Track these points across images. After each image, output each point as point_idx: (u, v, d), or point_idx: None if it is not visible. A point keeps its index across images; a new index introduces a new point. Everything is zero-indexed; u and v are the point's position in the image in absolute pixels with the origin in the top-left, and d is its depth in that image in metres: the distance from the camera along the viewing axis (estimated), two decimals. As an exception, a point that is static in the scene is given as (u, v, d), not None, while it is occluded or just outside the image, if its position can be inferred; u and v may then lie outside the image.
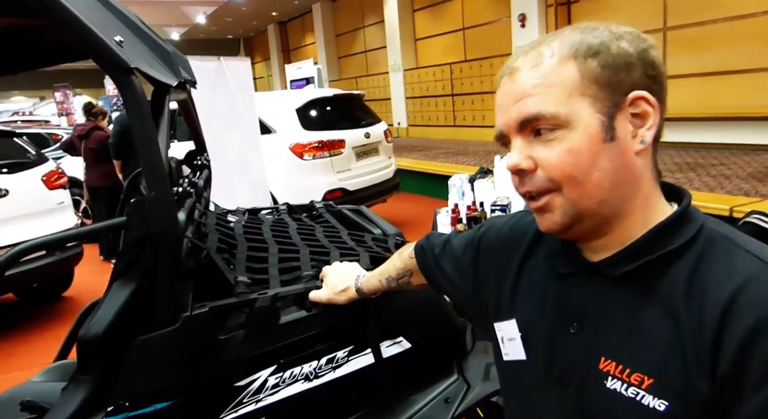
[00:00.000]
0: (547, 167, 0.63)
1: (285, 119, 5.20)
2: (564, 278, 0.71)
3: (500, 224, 0.88)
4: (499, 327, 0.80)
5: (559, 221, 0.65)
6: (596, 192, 0.63)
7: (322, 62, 15.93)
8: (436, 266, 0.96)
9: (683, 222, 0.64)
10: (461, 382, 1.32)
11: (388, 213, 6.16)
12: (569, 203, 0.63)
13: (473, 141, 10.59)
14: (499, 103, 0.68)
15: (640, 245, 0.64)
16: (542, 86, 0.63)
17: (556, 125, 0.62)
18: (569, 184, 0.63)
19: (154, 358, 1.03)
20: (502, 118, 0.67)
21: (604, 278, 0.66)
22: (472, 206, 2.83)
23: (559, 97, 0.63)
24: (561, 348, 0.69)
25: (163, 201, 0.98)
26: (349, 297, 1.16)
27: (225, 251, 1.41)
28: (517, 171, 0.66)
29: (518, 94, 0.64)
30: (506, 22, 9.69)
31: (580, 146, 0.62)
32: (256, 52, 22.96)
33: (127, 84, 0.94)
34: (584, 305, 0.68)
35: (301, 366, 1.16)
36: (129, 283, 1.07)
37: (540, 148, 0.64)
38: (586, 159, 0.62)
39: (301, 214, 2.03)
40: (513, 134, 0.66)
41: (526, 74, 0.64)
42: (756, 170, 5.36)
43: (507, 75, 0.67)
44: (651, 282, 0.63)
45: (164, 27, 18.40)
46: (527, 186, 0.65)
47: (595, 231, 0.66)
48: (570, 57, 0.63)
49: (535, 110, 0.63)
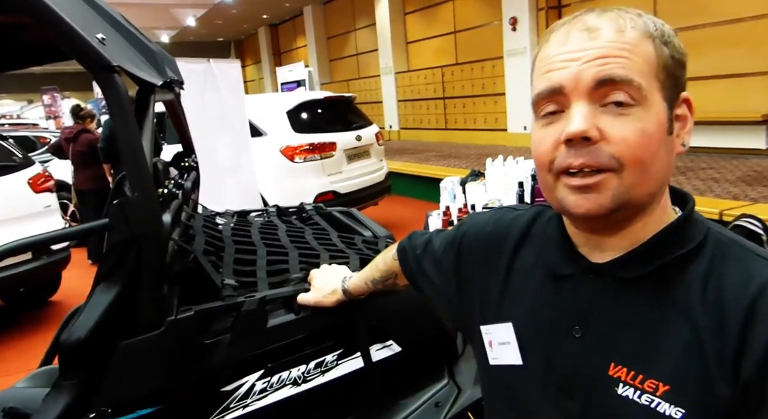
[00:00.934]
0: (618, 142, 0.57)
1: (276, 121, 5.17)
2: (562, 280, 0.68)
3: (482, 222, 0.84)
4: (488, 330, 0.76)
5: (606, 205, 0.58)
6: (652, 182, 0.59)
7: (314, 65, 15.91)
8: (417, 268, 0.93)
9: (690, 225, 0.63)
10: (452, 386, 1.31)
11: (380, 216, 6.14)
12: (625, 187, 0.58)
13: (464, 144, 10.61)
14: (563, 56, 0.59)
15: (651, 247, 0.62)
16: (630, 52, 0.58)
17: (636, 100, 0.57)
18: (635, 167, 0.57)
19: (137, 363, 1.01)
20: (569, 72, 0.58)
21: (612, 280, 0.63)
22: (464, 209, 2.82)
23: (642, 69, 0.58)
24: (563, 353, 0.66)
25: (146, 203, 0.96)
26: (336, 299, 1.14)
27: (212, 254, 1.39)
28: (577, 139, 0.57)
29: (601, 52, 0.57)
30: (497, 25, 9.72)
31: (653, 130, 0.58)
32: (247, 54, 22.90)
33: (109, 83, 0.92)
34: (588, 309, 0.64)
35: (289, 370, 1.14)
36: (112, 287, 1.04)
37: (610, 120, 0.57)
38: (655, 145, 0.58)
39: (291, 216, 2.01)
40: (578, 96, 0.58)
41: (612, 35, 0.58)
42: (745, 174, 5.40)
43: (581, 31, 0.60)
44: (664, 286, 0.60)
45: (153, 30, 18.30)
46: (584, 158, 0.57)
47: (620, 224, 0.62)
48: (648, 36, 0.59)
49: (623, 73, 0.57)
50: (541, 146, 0.62)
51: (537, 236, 0.75)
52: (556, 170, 0.60)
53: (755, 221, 2.55)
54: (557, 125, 0.60)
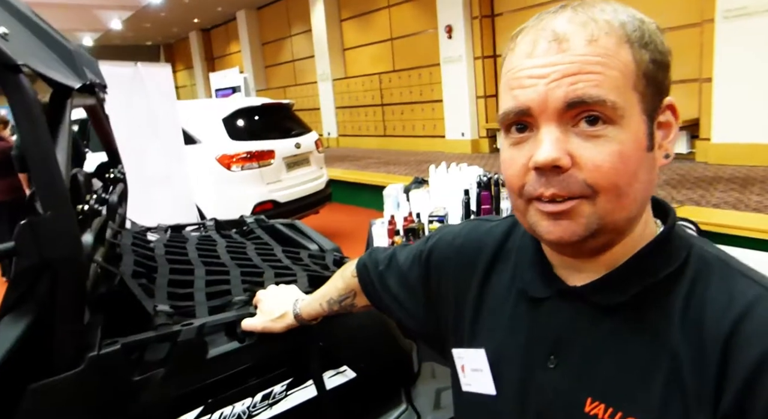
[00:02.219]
0: (591, 169, 0.51)
1: (211, 128, 4.96)
2: (537, 303, 0.62)
3: (452, 236, 0.77)
4: (460, 355, 0.70)
5: (579, 233, 0.53)
6: (631, 207, 0.54)
7: (249, 71, 15.55)
8: (380, 285, 0.85)
9: (672, 241, 0.57)
10: (410, 412, 1.22)
11: (322, 225, 6.03)
12: (598, 214, 0.53)
13: (404, 151, 10.65)
14: (529, 72, 0.53)
15: (629, 270, 0.56)
16: (603, 66, 0.51)
17: (611, 119, 0.51)
18: (610, 193, 0.52)
19: (52, 409, 0.87)
20: (536, 92, 0.52)
21: (588, 306, 0.58)
22: (409, 218, 2.77)
23: (618, 84, 0.51)
24: (537, 384, 0.60)
25: (61, 222, 0.83)
26: (287, 325, 1.03)
27: (143, 276, 1.25)
28: (547, 167, 0.52)
29: (570, 68, 0.51)
30: (433, 33, 9.84)
31: (630, 151, 0.52)
32: (178, 59, 22.12)
33: (12, 84, 0.79)
34: (564, 336, 0.59)
35: (233, 405, 1.03)
36: (21, 319, 0.90)
37: (582, 143, 0.52)
38: (632, 167, 0.52)
39: (231, 230, 1.88)
40: (547, 118, 0.52)
41: (582, 46, 0.51)
42: (669, 177, 5.67)
43: (550, 41, 0.53)
44: (643, 312, 0.55)
45: (75, 31, 17.33)
46: (555, 187, 0.52)
47: (598, 249, 0.57)
48: (625, 40, 0.52)
49: (595, 93, 0.50)
50: (511, 169, 0.56)
51: (512, 251, 0.69)
52: (526, 196, 0.55)
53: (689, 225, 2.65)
54: (526, 147, 0.55)
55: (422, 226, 2.65)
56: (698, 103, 6.39)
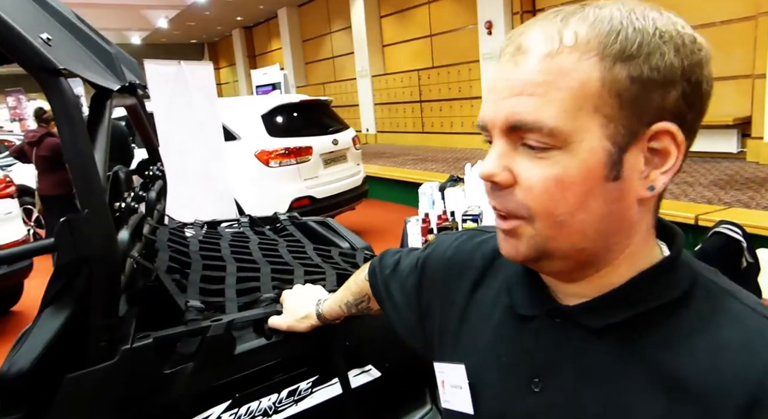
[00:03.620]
0: (526, 190, 0.50)
1: (250, 125, 5.05)
2: (524, 321, 0.59)
3: (446, 245, 0.74)
4: (441, 369, 0.67)
5: (524, 253, 0.52)
6: (575, 238, 0.50)
7: (289, 68, 15.74)
8: (385, 291, 0.83)
9: (675, 270, 0.53)
10: (435, 413, 1.22)
11: (357, 221, 6.06)
12: (539, 238, 0.51)
13: (441, 148, 10.59)
14: (491, 84, 0.52)
15: (623, 293, 0.52)
16: (550, 86, 0.47)
17: (551, 144, 0.48)
18: (545, 220, 0.50)
19: (87, 398, 0.91)
20: (490, 107, 0.52)
21: (578, 328, 0.54)
22: (443, 216, 2.76)
23: (565, 107, 0.47)
24: (518, 408, 0.56)
25: (97, 221, 0.86)
26: (310, 325, 1.04)
27: (177, 272, 1.29)
28: (487, 180, 0.52)
29: (516, 87, 0.49)
30: (473, 29, 9.73)
31: (573, 179, 0.48)
32: (222, 57, 22.60)
33: (53, 87, 0.82)
34: (550, 359, 0.55)
35: (259, 400, 1.05)
36: (60, 312, 0.94)
37: (524, 162, 0.49)
38: (574, 196, 0.48)
39: (264, 227, 1.92)
40: (497, 134, 0.51)
41: (535, 62, 0.48)
42: (717, 177, 5.46)
43: (511, 53, 0.50)
44: (637, 341, 0.51)
45: (124, 31, 17.92)
46: (497, 202, 0.52)
47: (566, 274, 0.54)
48: (596, 54, 0.47)
49: (530, 118, 0.48)
50: None
51: (503, 266, 0.66)
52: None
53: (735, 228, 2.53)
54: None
55: (456, 224, 2.63)
56: (750, 100, 6.13)
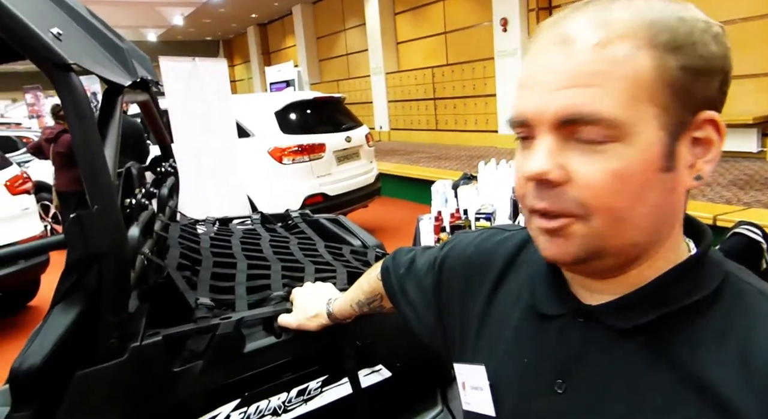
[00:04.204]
0: (583, 186, 0.47)
1: (264, 122, 5.06)
2: (546, 321, 0.57)
3: (465, 244, 0.73)
4: (461, 371, 0.66)
5: (574, 254, 0.49)
6: (632, 232, 0.48)
7: (303, 65, 15.77)
8: (400, 290, 0.82)
9: (704, 268, 0.51)
10: (446, 414, 1.21)
11: (370, 219, 6.05)
12: (594, 236, 0.48)
13: (455, 145, 10.54)
14: (530, 78, 0.49)
15: (651, 292, 0.51)
16: (606, 77, 0.45)
17: (610, 137, 0.46)
18: (604, 216, 0.47)
19: (96, 395, 0.90)
20: (534, 101, 0.48)
21: (603, 328, 0.52)
22: (456, 214, 2.73)
23: (623, 97, 0.45)
24: (541, 409, 0.55)
25: (106, 217, 0.86)
26: (320, 324, 1.03)
27: (188, 268, 1.29)
28: (538, 180, 0.48)
29: (570, 77, 0.46)
30: (488, 26, 9.66)
31: (633, 171, 0.46)
32: (236, 54, 22.70)
33: (63, 82, 0.82)
34: (574, 359, 0.53)
35: (269, 399, 1.04)
36: (71, 308, 0.94)
37: (578, 157, 0.47)
38: (634, 189, 0.46)
39: (276, 224, 1.91)
40: (542, 129, 0.48)
41: (587, 52, 0.46)
42: (736, 177, 5.36)
43: (556, 43, 0.48)
44: (664, 342, 0.49)
45: (140, 28, 18.08)
46: (546, 202, 0.48)
47: (608, 271, 0.52)
48: (646, 43, 0.46)
49: (589, 110, 0.45)
50: (517, 178, 0.53)
51: (525, 264, 0.64)
52: (527, 207, 0.51)
53: (755, 229, 2.48)
54: (527, 156, 0.50)
55: (469, 223, 2.61)
56: (771, 98, 6.02)
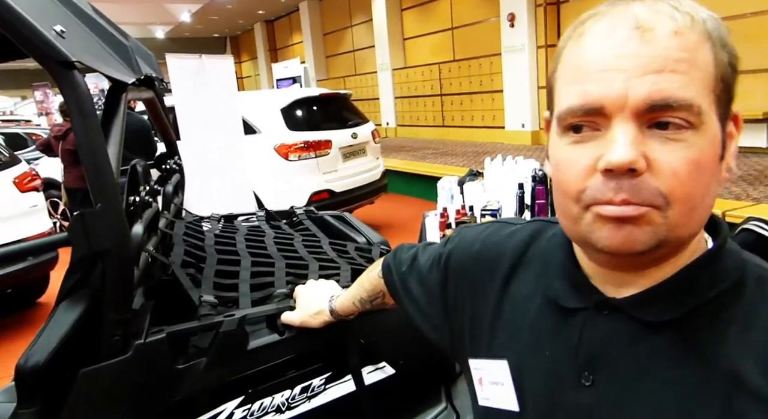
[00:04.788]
0: (668, 176, 0.46)
1: (270, 119, 5.06)
2: (568, 314, 0.57)
3: (470, 239, 0.72)
4: (477, 366, 0.65)
5: (644, 242, 0.48)
6: (698, 222, 0.49)
7: (310, 61, 15.76)
8: (402, 287, 0.82)
9: (723, 257, 0.52)
10: (450, 411, 1.21)
11: (376, 215, 6.05)
12: (668, 226, 0.47)
13: (462, 142, 10.51)
14: (606, 63, 0.47)
15: (676, 284, 0.52)
16: (690, 64, 0.46)
17: (691, 124, 0.46)
18: (683, 205, 0.47)
19: (100, 393, 0.91)
20: (615, 86, 0.46)
21: (629, 321, 0.53)
22: (462, 211, 2.73)
23: (701, 86, 0.46)
24: (570, 402, 0.55)
25: (109, 215, 0.85)
26: (323, 321, 1.03)
27: (192, 266, 1.29)
28: (621, 170, 0.46)
29: (655, 63, 0.45)
30: (495, 21, 9.61)
31: (707, 159, 0.47)
32: (243, 50, 22.73)
33: (66, 80, 0.82)
34: (601, 352, 0.54)
35: (272, 396, 1.04)
36: (75, 306, 0.94)
37: (659, 146, 0.46)
38: (707, 178, 0.47)
39: (280, 221, 1.91)
40: (624, 117, 0.46)
41: (667, 38, 0.46)
42: (746, 173, 5.31)
43: (632, 29, 0.47)
44: (692, 332, 0.50)
45: (148, 25, 18.13)
46: (626, 193, 0.46)
47: (652, 262, 0.52)
48: (707, 37, 0.47)
49: (682, 95, 0.45)
50: (569, 171, 0.50)
51: (536, 258, 0.64)
52: (587, 201, 0.49)
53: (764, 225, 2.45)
54: (591, 146, 0.48)
55: (474, 219, 2.60)
56: (781, 93, 5.95)
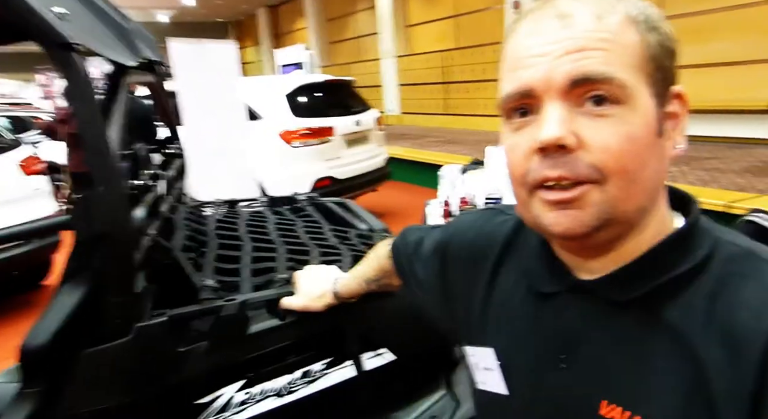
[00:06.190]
0: (598, 150, 0.48)
1: (274, 105, 5.04)
2: (545, 299, 0.59)
3: (466, 226, 0.75)
4: (472, 352, 0.68)
5: (588, 224, 0.50)
6: (642, 195, 0.51)
7: (313, 47, 15.67)
8: (409, 270, 0.83)
9: (694, 237, 0.53)
10: (450, 398, 1.21)
11: (379, 203, 6.05)
12: (609, 202, 0.49)
13: (465, 130, 10.47)
14: (529, 51, 0.51)
15: (644, 264, 0.53)
16: (610, 43, 0.49)
17: (619, 99, 0.49)
18: (620, 178, 0.49)
19: (102, 374, 0.91)
20: (540, 69, 0.50)
21: (600, 302, 0.54)
22: (464, 199, 2.72)
23: (626, 62, 0.49)
24: (548, 385, 0.57)
25: (110, 198, 0.86)
26: (326, 303, 1.04)
27: (193, 250, 1.29)
28: (552, 148, 0.49)
29: (575, 44, 0.49)
30: (499, 9, 9.52)
31: (640, 133, 0.49)
32: (246, 36, 22.59)
33: (66, 62, 0.81)
34: (574, 335, 0.56)
35: (273, 380, 1.05)
36: (78, 287, 0.95)
37: (588, 123, 0.49)
38: (642, 151, 0.49)
39: (282, 206, 1.91)
40: (551, 97, 0.50)
41: (587, 22, 0.49)
42: (751, 164, 5.29)
43: (553, 18, 0.51)
44: (659, 310, 0.51)
45: (151, 9, 18.01)
46: (561, 169, 0.49)
47: (607, 244, 0.53)
48: (631, 22, 0.50)
49: (601, 70, 0.48)
50: (512, 155, 0.54)
51: (521, 246, 0.66)
52: (530, 183, 0.52)
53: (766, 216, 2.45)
54: (529, 131, 0.52)
55: (476, 208, 2.60)
56: (788, 83, 5.90)
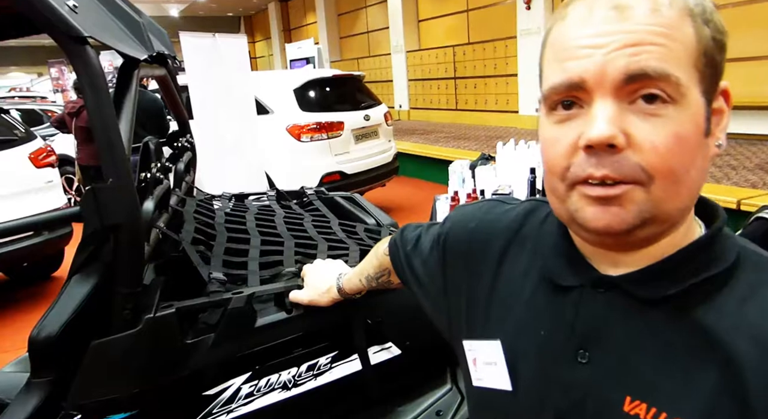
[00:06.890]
0: (648, 151, 0.47)
1: (283, 99, 5.05)
2: (563, 292, 0.57)
3: (467, 218, 0.73)
4: (471, 347, 0.65)
5: (630, 221, 0.49)
6: (685, 196, 0.50)
7: (323, 42, 15.66)
8: (407, 266, 0.82)
9: (722, 241, 0.53)
10: (455, 393, 1.22)
11: (387, 198, 6.05)
12: (653, 202, 0.48)
13: (475, 125, 10.43)
14: (585, 41, 0.49)
15: (675, 264, 0.52)
16: (667, 38, 0.47)
17: (671, 98, 0.47)
18: (666, 180, 0.47)
19: (111, 365, 0.93)
20: (593, 63, 0.48)
21: (625, 297, 0.53)
22: (473, 194, 2.72)
23: (682, 58, 0.47)
24: (566, 380, 0.55)
25: (120, 190, 0.86)
26: (331, 298, 1.04)
27: (202, 243, 1.30)
28: (600, 146, 0.47)
29: (632, 37, 0.47)
30: (511, 4, 9.45)
31: (689, 134, 0.48)
32: (257, 30, 22.61)
33: (79, 55, 0.82)
34: (597, 329, 0.54)
35: (279, 373, 1.06)
36: (87, 279, 0.96)
37: (639, 122, 0.47)
38: (690, 152, 0.48)
39: (291, 201, 1.92)
40: (603, 92, 0.48)
41: (645, 15, 0.47)
42: (763, 161, 5.23)
43: (609, 9, 0.48)
44: (693, 310, 0.50)
45: (162, 3, 18.05)
46: (607, 168, 0.47)
47: (644, 241, 0.52)
48: (687, 13, 0.48)
49: (659, 66, 0.46)
50: (554, 149, 0.51)
51: (530, 237, 0.65)
52: (571, 179, 0.50)
53: (780, 215, 2.42)
54: (574, 125, 0.50)
55: (485, 204, 2.59)
56: (804, 80, 5.81)
